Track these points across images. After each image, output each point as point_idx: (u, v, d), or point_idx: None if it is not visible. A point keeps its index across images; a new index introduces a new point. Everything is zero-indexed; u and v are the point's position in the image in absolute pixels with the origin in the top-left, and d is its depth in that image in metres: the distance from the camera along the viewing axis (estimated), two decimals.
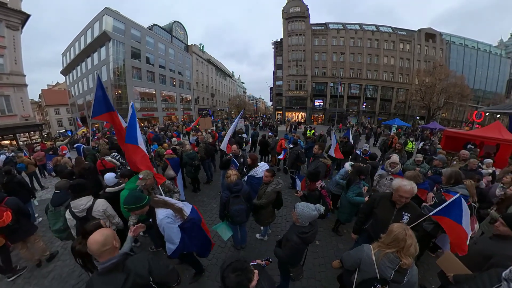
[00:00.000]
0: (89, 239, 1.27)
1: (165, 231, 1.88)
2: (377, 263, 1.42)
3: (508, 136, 6.52)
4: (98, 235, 1.28)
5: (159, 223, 1.88)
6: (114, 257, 1.29)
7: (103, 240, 1.26)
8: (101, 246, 1.25)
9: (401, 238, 1.37)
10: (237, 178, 2.70)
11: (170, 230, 1.89)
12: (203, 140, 6.23)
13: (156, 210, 1.93)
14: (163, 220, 1.87)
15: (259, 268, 1.35)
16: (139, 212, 1.88)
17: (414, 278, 1.40)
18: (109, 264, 1.25)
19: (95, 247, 1.24)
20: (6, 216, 2.55)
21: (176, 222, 1.95)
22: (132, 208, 1.83)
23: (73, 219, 2.28)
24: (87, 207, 2.34)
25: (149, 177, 2.60)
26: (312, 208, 1.78)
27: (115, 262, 1.27)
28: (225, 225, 2.68)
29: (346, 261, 1.68)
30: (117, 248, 1.35)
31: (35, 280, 2.84)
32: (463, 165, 4.16)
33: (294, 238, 1.77)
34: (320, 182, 2.97)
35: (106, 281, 1.24)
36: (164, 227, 1.87)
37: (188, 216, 2.06)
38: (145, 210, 1.90)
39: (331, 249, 3.38)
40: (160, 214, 1.90)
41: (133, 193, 1.96)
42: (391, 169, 3.38)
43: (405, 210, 2.04)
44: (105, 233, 1.31)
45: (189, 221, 2.03)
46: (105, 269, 1.25)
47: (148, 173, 2.67)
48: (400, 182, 2.04)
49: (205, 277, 2.78)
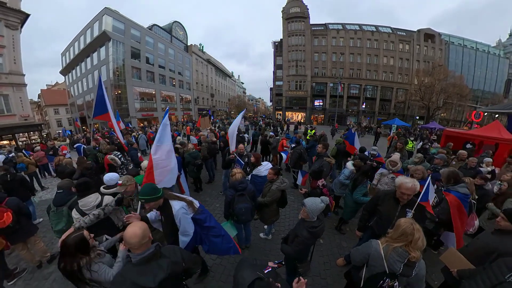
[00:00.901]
0: (127, 232, 1.28)
1: (181, 222, 1.91)
2: (385, 258, 1.44)
3: (507, 135, 6.56)
4: (136, 228, 1.29)
5: (175, 213, 1.90)
6: (150, 247, 1.31)
7: (142, 233, 1.28)
8: (141, 239, 1.26)
9: (409, 232, 1.39)
10: (242, 176, 2.70)
11: (186, 220, 1.93)
12: (205, 140, 6.24)
13: (171, 202, 1.95)
14: (179, 211, 1.90)
15: (276, 275, 1.35)
16: (154, 204, 1.89)
17: (422, 271, 1.43)
18: (147, 254, 1.27)
19: (135, 240, 1.25)
20: (7, 216, 2.50)
21: (189, 214, 1.99)
22: (148, 199, 1.84)
23: (81, 217, 2.25)
24: (97, 203, 2.35)
25: (129, 183, 2.43)
26: (319, 200, 1.85)
27: (152, 252, 1.30)
28: (230, 224, 2.68)
29: (354, 257, 1.70)
30: (151, 239, 1.37)
31: (36, 282, 2.80)
32: (462, 164, 4.21)
33: (304, 233, 1.82)
34: (322, 181, 2.99)
35: (145, 270, 1.25)
36: (180, 217, 1.90)
37: (198, 208, 2.08)
38: (159, 203, 1.93)
39: (335, 247, 3.41)
40: (176, 205, 1.93)
41: (149, 184, 1.98)
42: (392, 168, 3.43)
43: (408, 206, 2.09)
44: (143, 226, 1.33)
45: (200, 213, 2.05)
46: (143, 259, 1.26)
47: (129, 178, 2.48)
48: (402, 179, 2.10)
49: (210, 277, 2.79)
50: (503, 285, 1.37)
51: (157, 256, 1.31)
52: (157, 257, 1.31)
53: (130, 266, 1.30)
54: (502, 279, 1.38)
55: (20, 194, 3.91)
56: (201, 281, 2.69)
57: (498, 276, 1.43)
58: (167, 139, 2.82)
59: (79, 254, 1.45)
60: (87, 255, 1.49)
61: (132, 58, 24.23)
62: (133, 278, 1.21)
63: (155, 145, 2.67)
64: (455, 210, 2.48)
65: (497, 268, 1.47)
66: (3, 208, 2.56)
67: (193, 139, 8.32)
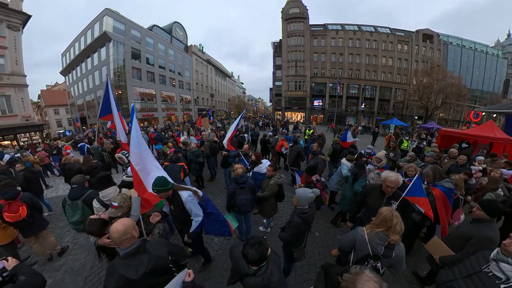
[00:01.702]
0: (112, 228, 1.40)
1: (191, 207, 2.20)
2: (369, 241, 1.63)
3: (501, 134, 6.75)
4: (119, 224, 1.40)
5: (185, 201, 2.17)
6: (135, 242, 1.42)
7: (124, 229, 1.38)
8: (122, 235, 1.36)
9: (388, 218, 1.58)
10: (242, 171, 2.93)
11: (195, 205, 2.22)
12: (207, 139, 6.45)
13: (180, 192, 2.21)
14: (188, 198, 2.18)
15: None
16: (164, 194, 2.15)
17: (401, 253, 1.61)
18: (131, 249, 1.38)
19: (117, 235, 1.36)
20: (22, 210, 2.69)
21: (196, 200, 2.28)
22: (160, 190, 2.09)
23: (102, 207, 2.43)
24: (116, 194, 2.54)
25: (126, 204, 2.09)
26: (309, 191, 2.08)
27: (136, 247, 1.40)
28: (232, 216, 2.88)
29: (343, 243, 1.89)
30: (135, 237, 1.46)
31: (47, 274, 2.93)
32: (453, 162, 4.39)
33: (296, 219, 2.04)
34: (316, 176, 3.19)
35: (129, 264, 1.35)
36: (190, 204, 2.19)
37: (202, 196, 2.37)
38: (169, 193, 2.18)
39: (330, 239, 3.61)
40: (184, 193, 2.21)
41: (161, 177, 2.19)
42: (377, 164, 3.68)
43: (393, 198, 2.32)
44: (126, 223, 1.43)
45: (203, 200, 2.35)
46: (127, 254, 1.37)
47: (125, 198, 2.11)
48: (387, 173, 2.33)
49: (213, 266, 2.98)
50: (478, 274, 1.50)
51: (140, 251, 1.41)
52: (140, 252, 1.40)
53: (118, 259, 1.42)
54: (478, 269, 1.52)
55: (34, 189, 4.22)
56: (204, 270, 2.88)
57: (474, 266, 1.56)
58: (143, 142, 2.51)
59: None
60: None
61: (132, 58, 24.39)
62: (119, 269, 1.32)
63: (135, 152, 2.32)
64: (440, 202, 2.66)
65: (475, 259, 1.61)
66: (18, 203, 2.73)
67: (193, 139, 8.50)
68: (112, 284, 1.30)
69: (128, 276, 1.30)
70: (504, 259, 1.42)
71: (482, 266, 1.53)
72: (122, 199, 2.08)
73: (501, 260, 1.43)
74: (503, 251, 1.44)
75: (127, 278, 1.29)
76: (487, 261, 1.51)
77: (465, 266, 1.66)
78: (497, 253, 1.47)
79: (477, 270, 1.54)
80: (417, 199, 2.41)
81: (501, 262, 1.42)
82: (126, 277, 1.30)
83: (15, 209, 2.65)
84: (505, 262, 1.41)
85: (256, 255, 1.36)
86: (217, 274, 2.87)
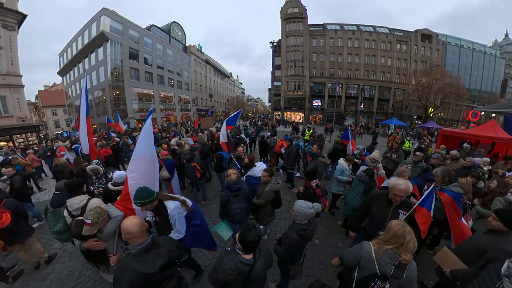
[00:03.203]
0: (126, 223, 1.38)
1: (176, 221, 1.99)
2: (377, 260, 1.44)
3: (503, 134, 6.62)
4: (133, 219, 1.42)
5: (170, 213, 1.98)
6: (147, 238, 1.41)
7: (140, 221, 1.42)
8: (140, 227, 1.39)
9: (400, 235, 1.39)
10: (236, 177, 2.71)
11: (181, 220, 2.02)
12: (199, 141, 6.27)
13: (166, 203, 2.02)
14: (174, 210, 1.99)
15: None
16: (149, 206, 1.96)
17: (413, 273, 1.42)
18: (146, 244, 1.37)
19: (136, 228, 1.36)
20: (5, 217, 2.53)
21: (184, 213, 2.09)
22: (144, 203, 1.89)
23: (69, 217, 2.28)
24: (81, 205, 2.31)
25: (101, 219, 1.83)
26: (309, 206, 1.84)
27: (150, 242, 1.40)
28: (226, 224, 2.69)
29: (346, 258, 1.70)
30: (146, 231, 1.49)
31: (34, 283, 2.83)
32: (456, 163, 4.24)
33: (293, 235, 1.83)
34: (316, 181, 3.00)
35: (144, 259, 1.34)
36: (176, 217, 1.99)
37: (191, 207, 2.19)
38: (154, 204, 1.99)
39: (330, 247, 3.42)
40: (170, 204, 2.02)
41: (143, 188, 2.01)
42: (372, 164, 3.55)
43: (401, 208, 2.08)
44: (137, 216, 1.49)
45: (192, 211, 2.17)
46: (142, 249, 1.36)
47: (99, 213, 1.83)
48: (395, 181, 2.06)
49: (205, 277, 2.79)
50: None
51: (155, 245, 1.42)
52: (155, 247, 1.41)
53: (130, 257, 1.37)
54: (493, 287, 1.38)
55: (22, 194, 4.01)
56: (197, 282, 2.70)
57: (488, 284, 1.42)
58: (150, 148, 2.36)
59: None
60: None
61: (130, 58, 24.18)
62: (134, 266, 1.31)
63: (134, 159, 2.20)
64: (450, 208, 2.47)
65: (488, 275, 1.46)
66: (1, 209, 2.57)
67: (189, 140, 8.33)
68: (125, 284, 1.26)
69: (145, 271, 1.30)
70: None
71: (496, 283, 1.39)
72: (96, 214, 1.80)
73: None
74: None
75: (144, 274, 1.29)
76: (500, 278, 1.37)
77: (479, 284, 1.51)
78: (508, 267, 1.32)
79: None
80: (419, 208, 2.17)
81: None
82: (143, 272, 1.29)
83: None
84: None
85: (256, 236, 1.42)
86: (210, 286, 2.68)
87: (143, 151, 2.32)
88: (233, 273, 1.44)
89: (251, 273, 1.45)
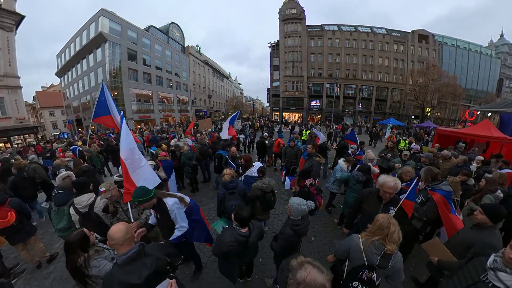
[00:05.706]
0: (112, 230, 1.34)
1: (176, 216, 2.10)
2: (364, 251, 1.53)
3: (497, 134, 6.73)
4: (119, 225, 1.38)
5: (170, 208, 2.07)
6: (133, 247, 1.34)
7: (126, 228, 1.36)
8: (125, 234, 1.33)
9: (385, 226, 1.48)
10: (231, 177, 2.81)
11: (181, 214, 2.12)
12: (200, 141, 6.35)
13: (165, 200, 2.10)
14: (173, 206, 2.08)
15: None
16: (147, 204, 2.02)
17: (398, 263, 1.51)
18: (131, 254, 1.31)
19: (120, 235, 1.31)
20: (11, 216, 2.60)
21: (182, 208, 2.18)
22: (142, 201, 1.96)
23: (76, 214, 2.39)
24: (89, 203, 2.44)
25: (112, 187, 2.39)
26: (303, 202, 1.94)
27: (136, 251, 1.33)
28: (223, 221, 2.77)
29: (337, 250, 1.80)
30: (134, 238, 1.44)
31: (36, 282, 2.86)
32: (448, 162, 4.35)
33: (287, 230, 1.93)
34: (310, 180, 3.05)
35: (131, 269, 1.29)
36: (176, 212, 2.09)
37: (189, 203, 2.30)
38: (152, 202, 2.05)
39: (326, 244, 3.51)
40: (169, 201, 2.10)
41: (141, 187, 2.09)
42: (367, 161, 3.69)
43: (390, 204, 2.20)
44: (125, 224, 1.42)
45: (190, 207, 2.27)
46: (127, 259, 1.30)
47: (110, 183, 2.44)
48: (385, 178, 2.17)
49: (204, 273, 2.87)
50: (477, 284, 1.42)
51: (141, 255, 1.36)
52: (141, 256, 1.35)
53: (116, 267, 1.33)
54: (477, 278, 1.44)
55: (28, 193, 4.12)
56: (197, 278, 2.77)
57: (473, 276, 1.48)
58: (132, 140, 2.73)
59: (80, 251, 1.53)
60: (87, 252, 1.57)
61: (128, 59, 24.15)
62: (120, 277, 1.26)
63: (126, 150, 2.53)
64: (442, 207, 2.56)
65: (473, 268, 1.52)
66: (7, 208, 2.64)
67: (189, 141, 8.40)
68: None
69: (131, 281, 1.26)
70: (501, 268, 1.33)
71: (480, 275, 1.45)
72: (107, 184, 2.40)
73: (498, 269, 1.35)
74: (504, 261, 1.34)
75: (130, 284, 1.25)
76: (484, 270, 1.43)
77: (464, 276, 1.58)
78: (494, 261, 1.38)
79: (476, 280, 1.46)
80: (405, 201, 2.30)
81: (499, 271, 1.34)
82: (129, 283, 1.25)
83: (3, 214, 2.56)
84: (502, 271, 1.33)
85: (247, 213, 1.82)
86: (208, 282, 2.77)
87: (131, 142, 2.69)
88: (234, 244, 1.81)
89: (248, 242, 1.86)
